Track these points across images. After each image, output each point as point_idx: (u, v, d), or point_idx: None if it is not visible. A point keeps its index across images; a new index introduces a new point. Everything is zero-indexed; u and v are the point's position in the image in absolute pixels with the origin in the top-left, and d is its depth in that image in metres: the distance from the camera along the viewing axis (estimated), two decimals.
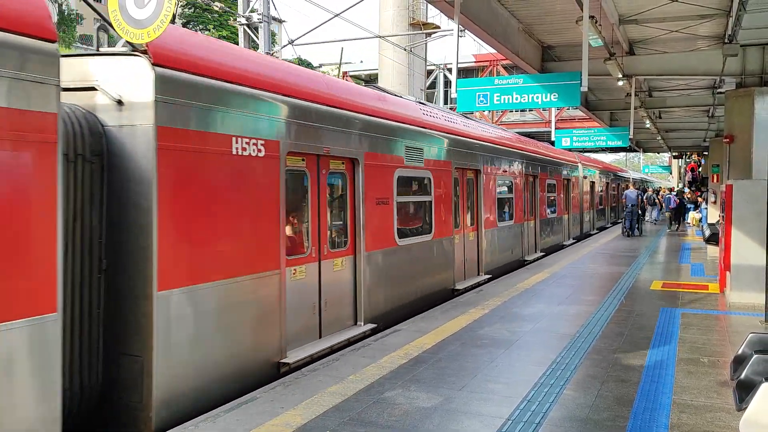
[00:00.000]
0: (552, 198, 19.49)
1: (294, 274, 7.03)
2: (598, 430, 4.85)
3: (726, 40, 13.14)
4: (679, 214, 27.71)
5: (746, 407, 4.52)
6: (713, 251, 15.82)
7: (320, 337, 7.54)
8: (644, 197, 29.18)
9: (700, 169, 39.60)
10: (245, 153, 6.10)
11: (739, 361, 6.10)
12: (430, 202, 10.45)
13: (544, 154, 18.86)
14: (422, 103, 11.47)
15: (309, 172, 7.36)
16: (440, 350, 7.13)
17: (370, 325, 8.30)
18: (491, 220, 13.47)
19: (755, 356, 5.70)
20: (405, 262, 9.47)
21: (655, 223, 30.03)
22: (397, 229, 9.22)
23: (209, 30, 30.72)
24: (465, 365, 6.55)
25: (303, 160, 7.20)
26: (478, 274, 12.73)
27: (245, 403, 5.40)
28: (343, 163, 8.03)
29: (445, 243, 10.94)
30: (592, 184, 27.35)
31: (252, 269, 6.20)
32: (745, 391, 5.29)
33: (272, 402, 5.42)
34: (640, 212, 24.36)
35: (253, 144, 6.22)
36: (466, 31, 12.71)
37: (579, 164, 24.20)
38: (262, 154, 6.32)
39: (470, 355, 6.96)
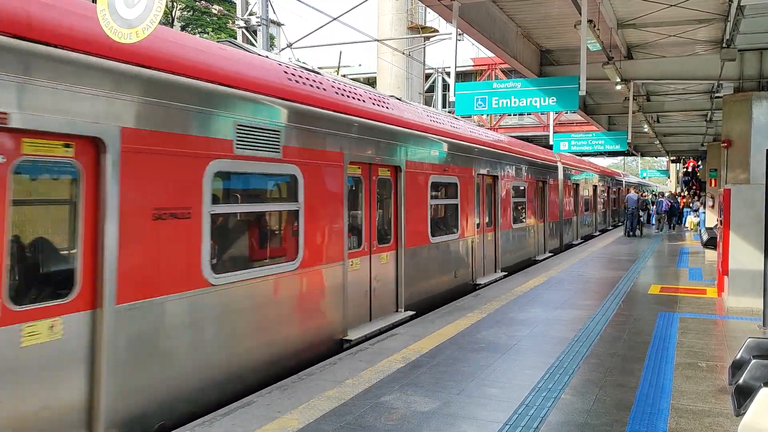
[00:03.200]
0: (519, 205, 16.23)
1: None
2: None
3: (724, 45, 13.15)
4: (671, 216, 28.85)
5: (745, 412, 4.51)
6: (711, 255, 15.81)
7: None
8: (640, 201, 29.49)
9: (699, 165, 39.62)
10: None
11: (738, 366, 6.08)
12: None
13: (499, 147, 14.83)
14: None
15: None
16: (438, 354, 7.11)
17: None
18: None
19: (753, 361, 5.68)
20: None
21: (659, 230, 29.78)
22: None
23: (208, 33, 30.72)
24: (463, 369, 6.53)
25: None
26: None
27: (242, 407, 5.37)
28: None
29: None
30: (576, 187, 24.78)
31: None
32: (743, 396, 5.28)
33: (269, 406, 5.39)
34: (640, 214, 25.76)
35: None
36: (464, 34, 12.71)
37: (559, 163, 21.33)
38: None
39: (468, 359, 6.93)
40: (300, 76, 7.27)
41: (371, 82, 35.57)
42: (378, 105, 9.09)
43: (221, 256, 6.06)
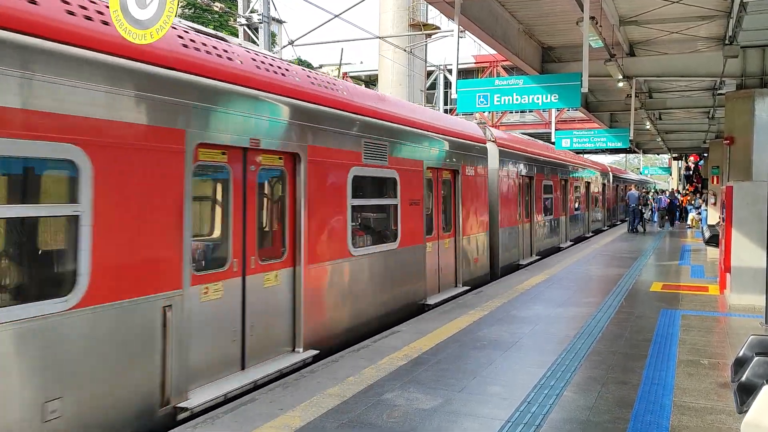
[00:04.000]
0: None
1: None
2: None
3: (726, 42, 13.12)
4: (670, 213, 29.72)
5: (747, 410, 4.50)
6: (713, 253, 15.80)
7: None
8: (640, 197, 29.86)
9: (701, 162, 39.62)
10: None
11: (740, 364, 6.07)
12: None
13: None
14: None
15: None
16: (439, 352, 7.11)
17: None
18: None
19: (756, 358, 5.67)
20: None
21: (661, 227, 30.01)
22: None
23: None
24: (464, 367, 6.53)
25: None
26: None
27: (244, 404, 5.38)
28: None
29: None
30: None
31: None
32: (746, 393, 5.26)
33: (271, 403, 5.40)
34: (642, 211, 26.45)
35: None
36: (466, 32, 12.68)
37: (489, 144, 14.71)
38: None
39: (470, 356, 6.93)
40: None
41: (373, 79, 35.54)
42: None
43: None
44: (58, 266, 4.70)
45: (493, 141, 14.49)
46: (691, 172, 41.67)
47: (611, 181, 33.78)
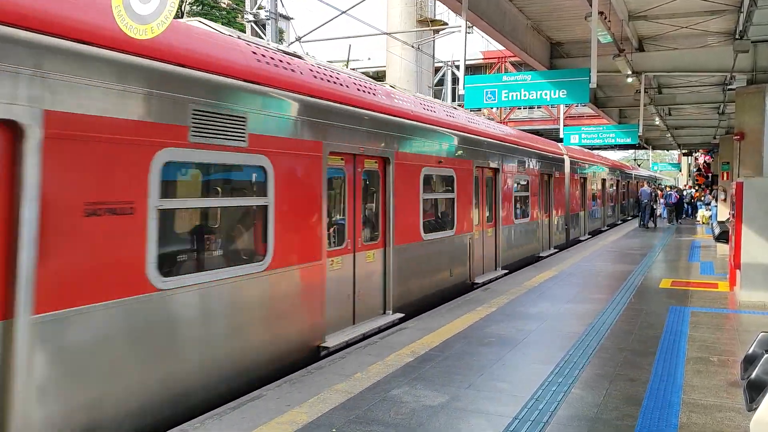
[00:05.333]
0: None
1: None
2: (606, 429, 4.81)
3: (737, 37, 13.03)
4: (679, 209, 30.28)
5: (757, 407, 4.46)
6: (723, 249, 15.71)
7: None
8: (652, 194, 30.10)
9: (710, 159, 39.54)
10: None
11: (750, 361, 6.02)
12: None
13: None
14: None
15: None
16: (447, 348, 7.10)
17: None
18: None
19: (766, 356, 5.63)
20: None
21: (671, 223, 30.11)
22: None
23: None
24: (472, 364, 6.51)
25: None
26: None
27: (251, 400, 5.39)
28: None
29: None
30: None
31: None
32: (755, 391, 5.22)
33: (278, 400, 5.41)
34: (653, 206, 26.95)
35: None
36: (474, 27, 12.65)
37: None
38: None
39: (477, 353, 6.92)
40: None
41: (381, 75, 35.49)
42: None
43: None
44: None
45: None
46: (701, 170, 41.60)
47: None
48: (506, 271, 13.39)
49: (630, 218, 30.86)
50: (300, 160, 6.86)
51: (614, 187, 30.65)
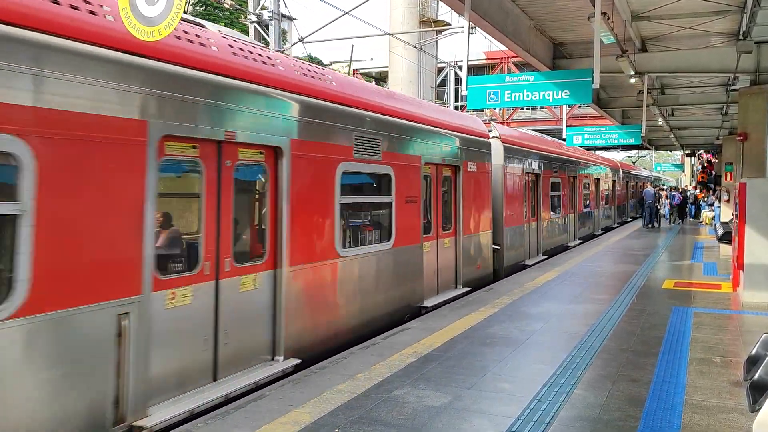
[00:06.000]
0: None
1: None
2: (609, 430, 4.81)
3: (740, 37, 12.99)
4: (682, 210, 30.70)
5: (760, 408, 4.46)
6: (726, 250, 15.68)
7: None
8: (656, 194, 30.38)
9: (712, 160, 39.56)
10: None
11: (753, 362, 6.02)
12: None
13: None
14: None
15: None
16: (449, 349, 7.10)
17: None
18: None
19: None
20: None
21: (673, 223, 30.29)
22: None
23: None
24: (474, 364, 6.52)
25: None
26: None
27: (254, 400, 5.40)
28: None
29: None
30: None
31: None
32: (758, 392, 5.22)
33: (281, 399, 5.42)
34: (657, 207, 27.60)
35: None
36: (476, 28, 12.64)
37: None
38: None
39: (480, 353, 6.92)
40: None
41: (383, 76, 35.50)
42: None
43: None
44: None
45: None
46: (702, 168, 41.64)
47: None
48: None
49: (617, 225, 30.09)
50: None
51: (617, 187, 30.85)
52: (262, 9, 15.56)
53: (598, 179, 25.92)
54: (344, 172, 7.68)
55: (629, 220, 33.95)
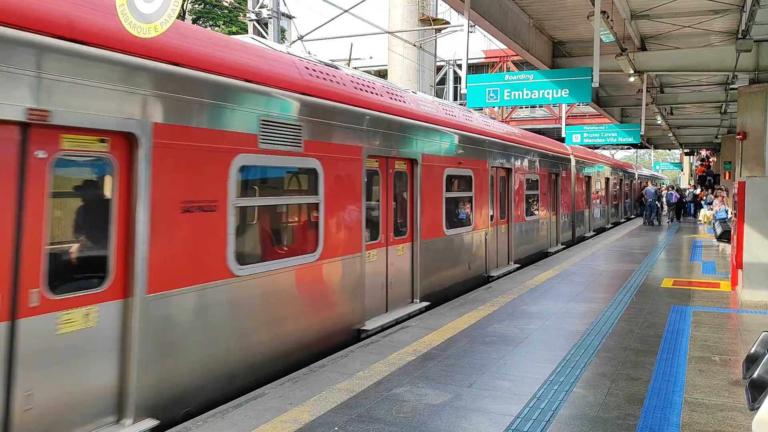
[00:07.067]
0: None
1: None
2: (608, 428, 4.82)
3: (739, 36, 13.00)
4: (679, 209, 31.11)
5: (759, 407, 4.46)
6: (725, 249, 15.70)
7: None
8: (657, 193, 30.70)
9: (711, 158, 39.71)
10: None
11: (752, 360, 6.02)
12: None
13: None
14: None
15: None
16: (449, 347, 7.10)
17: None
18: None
19: None
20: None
21: (670, 220, 30.48)
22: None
23: (219, 26, 30.76)
24: (474, 362, 6.52)
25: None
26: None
27: (254, 398, 5.40)
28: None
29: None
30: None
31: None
32: (757, 390, 5.22)
33: (281, 398, 5.42)
34: (658, 205, 28.32)
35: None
36: (476, 26, 12.64)
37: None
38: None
39: (479, 352, 6.93)
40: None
41: (382, 74, 35.49)
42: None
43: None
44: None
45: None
46: (702, 161, 41.83)
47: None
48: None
49: (611, 226, 29.57)
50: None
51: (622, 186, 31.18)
52: (261, 7, 15.55)
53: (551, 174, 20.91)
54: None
55: (609, 226, 29.19)
